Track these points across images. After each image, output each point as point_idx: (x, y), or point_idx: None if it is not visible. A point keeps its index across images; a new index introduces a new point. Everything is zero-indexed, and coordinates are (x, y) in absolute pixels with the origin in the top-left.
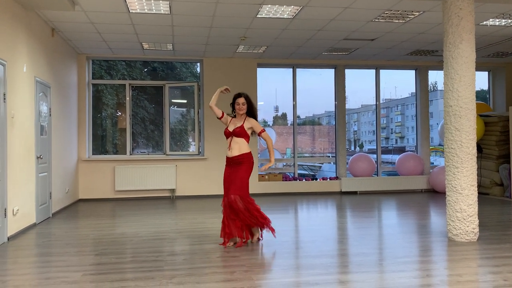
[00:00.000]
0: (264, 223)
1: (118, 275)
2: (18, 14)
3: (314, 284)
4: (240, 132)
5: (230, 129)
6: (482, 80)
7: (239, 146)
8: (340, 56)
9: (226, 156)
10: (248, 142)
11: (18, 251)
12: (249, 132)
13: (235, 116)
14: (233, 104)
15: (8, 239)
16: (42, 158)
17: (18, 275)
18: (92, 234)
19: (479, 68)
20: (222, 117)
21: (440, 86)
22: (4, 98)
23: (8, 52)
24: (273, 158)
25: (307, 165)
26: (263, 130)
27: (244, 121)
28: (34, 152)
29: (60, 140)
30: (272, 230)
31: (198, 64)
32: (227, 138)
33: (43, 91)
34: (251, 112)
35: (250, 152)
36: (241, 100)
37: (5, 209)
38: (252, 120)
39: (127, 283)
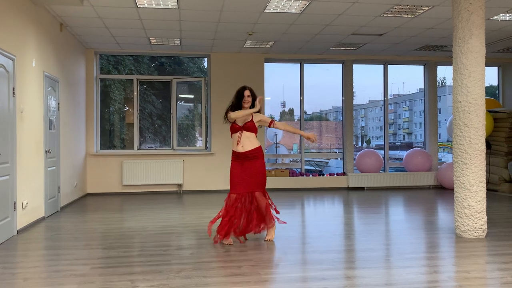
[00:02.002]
0: (270, 224)
1: (126, 269)
2: (27, 9)
3: (321, 279)
4: (250, 126)
5: (240, 123)
6: (491, 76)
7: (251, 141)
8: (348, 51)
9: (236, 151)
10: (256, 136)
11: (28, 244)
12: (257, 125)
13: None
14: (238, 98)
15: (18, 232)
16: (50, 152)
17: (27, 268)
18: (100, 228)
19: (488, 63)
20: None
21: (449, 82)
22: (13, 93)
23: (17, 47)
24: (299, 131)
25: (314, 161)
26: (273, 120)
27: (252, 116)
28: (43, 146)
29: (69, 135)
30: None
31: (205, 59)
32: (234, 132)
33: (51, 85)
34: (254, 104)
35: (261, 146)
36: (247, 92)
37: (15, 203)
38: (259, 114)
39: (135, 276)
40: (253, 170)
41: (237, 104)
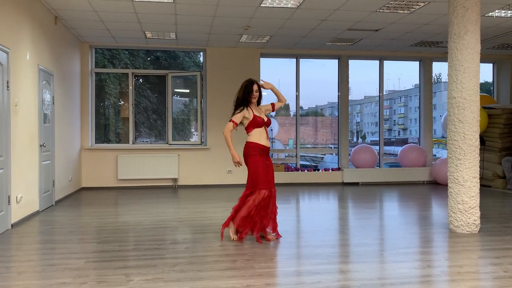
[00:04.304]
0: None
1: (121, 263)
2: (21, 1)
3: (315, 273)
4: (269, 122)
5: (264, 117)
6: (486, 72)
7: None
8: (344, 46)
9: (262, 145)
10: None
11: (22, 238)
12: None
13: (246, 106)
14: (246, 92)
15: (12, 226)
16: (45, 146)
17: (22, 262)
18: (95, 222)
19: (483, 60)
20: (237, 125)
21: (444, 78)
22: (8, 86)
23: (11, 40)
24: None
25: (309, 156)
26: (274, 104)
27: (262, 110)
28: (38, 140)
29: (63, 129)
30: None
31: (201, 53)
32: (257, 127)
33: (46, 79)
34: (260, 98)
35: None
36: (256, 87)
37: (9, 197)
38: (263, 106)
39: (130, 270)
40: (271, 166)
41: (243, 99)
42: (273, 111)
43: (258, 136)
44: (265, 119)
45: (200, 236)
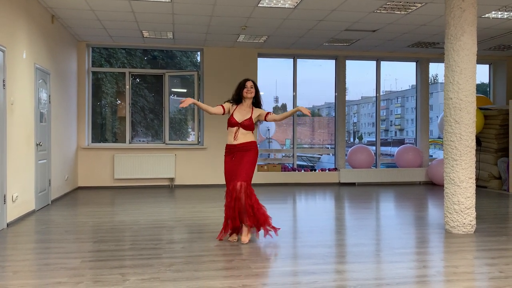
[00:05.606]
0: (262, 222)
1: (117, 262)
2: (17, 0)
3: (311, 273)
4: (248, 125)
5: (238, 119)
6: (483, 73)
7: (245, 136)
8: (341, 47)
9: (229, 144)
10: (253, 133)
11: (18, 237)
12: (255, 121)
13: (237, 103)
14: (239, 89)
15: (8, 225)
16: (41, 145)
17: (17, 261)
18: (91, 221)
19: (480, 61)
20: (224, 112)
21: (441, 79)
22: (4, 85)
23: (8, 38)
24: (295, 108)
25: (306, 156)
26: (269, 112)
27: (252, 112)
28: (34, 139)
29: (60, 128)
30: (274, 228)
31: (199, 53)
32: (230, 127)
33: (42, 78)
34: (257, 98)
35: (255, 141)
36: (250, 83)
37: (5, 196)
38: (258, 109)
39: (126, 270)
40: (241, 159)
41: (237, 95)
42: (265, 120)
43: (229, 136)
44: (243, 120)
45: (197, 236)
